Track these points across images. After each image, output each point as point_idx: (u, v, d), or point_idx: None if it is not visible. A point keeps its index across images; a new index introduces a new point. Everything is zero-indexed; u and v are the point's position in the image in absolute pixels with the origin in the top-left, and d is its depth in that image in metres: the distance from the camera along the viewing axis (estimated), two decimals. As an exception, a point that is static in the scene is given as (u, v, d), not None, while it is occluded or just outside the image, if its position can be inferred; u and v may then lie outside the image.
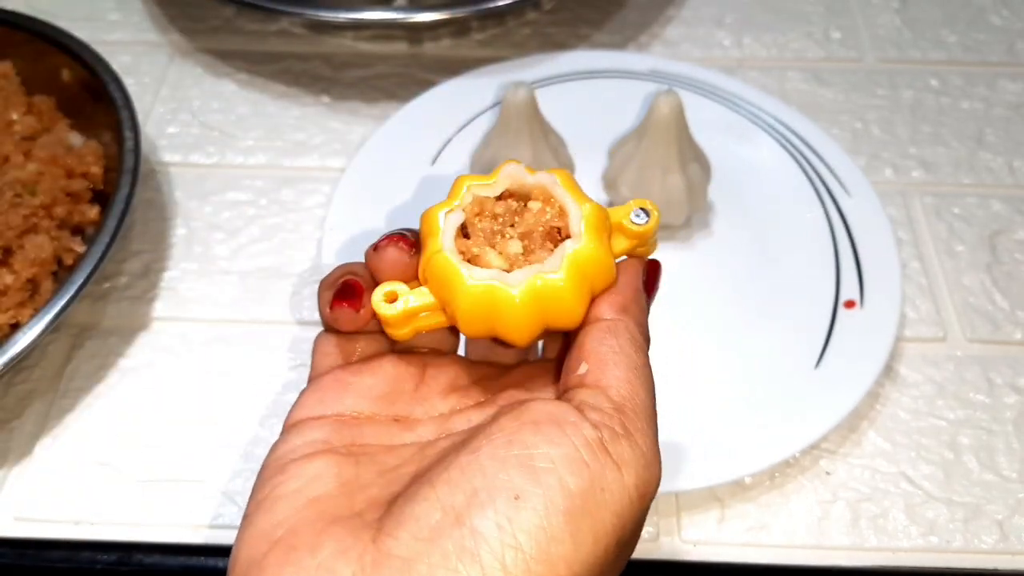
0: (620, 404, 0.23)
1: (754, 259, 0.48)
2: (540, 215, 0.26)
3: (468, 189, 0.26)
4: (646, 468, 0.22)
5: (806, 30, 0.61)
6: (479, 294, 0.24)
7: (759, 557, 0.39)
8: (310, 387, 0.27)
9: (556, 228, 0.26)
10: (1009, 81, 0.58)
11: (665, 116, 0.44)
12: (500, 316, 0.24)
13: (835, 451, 0.42)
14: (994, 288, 0.48)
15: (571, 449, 0.21)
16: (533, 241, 0.25)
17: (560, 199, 0.26)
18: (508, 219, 0.26)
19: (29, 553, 0.39)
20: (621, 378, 0.24)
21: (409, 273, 0.26)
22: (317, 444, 0.24)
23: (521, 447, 0.22)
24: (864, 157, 0.54)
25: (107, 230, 0.43)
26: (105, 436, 0.42)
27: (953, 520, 0.40)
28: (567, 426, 0.22)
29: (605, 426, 0.22)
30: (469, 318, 0.25)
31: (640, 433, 0.23)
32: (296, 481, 0.23)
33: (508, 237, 0.25)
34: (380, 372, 0.27)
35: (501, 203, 0.26)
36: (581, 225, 0.25)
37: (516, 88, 0.44)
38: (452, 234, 0.25)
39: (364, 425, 0.25)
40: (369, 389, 0.26)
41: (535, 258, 0.25)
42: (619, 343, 0.25)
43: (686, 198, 0.46)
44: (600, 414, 0.23)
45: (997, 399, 0.44)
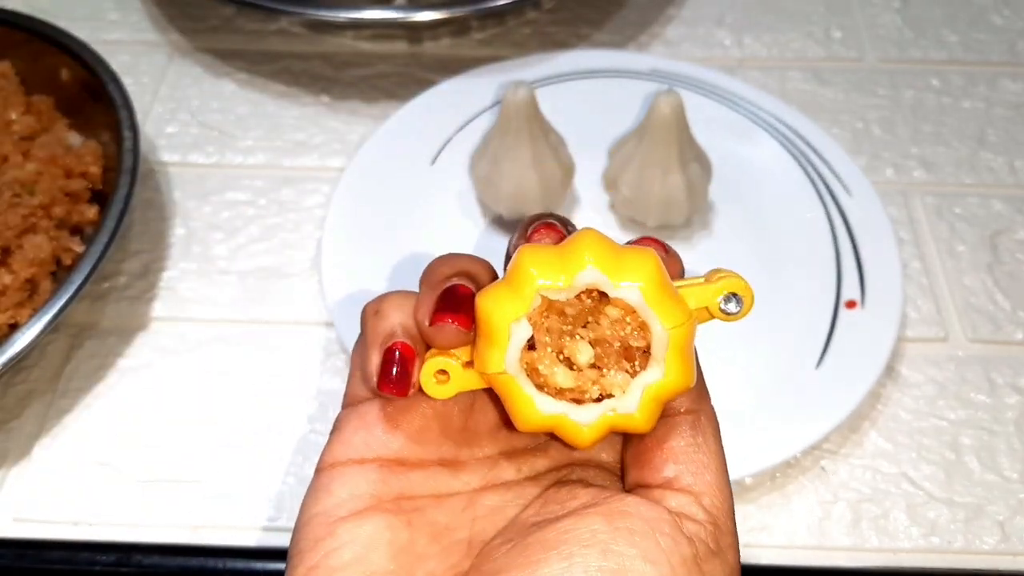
0: (715, 516, 0.22)
1: (755, 259, 0.48)
2: (619, 327, 0.22)
3: (537, 292, 0.22)
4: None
5: (807, 30, 0.61)
6: (544, 423, 0.23)
7: (760, 558, 0.39)
8: (351, 417, 0.24)
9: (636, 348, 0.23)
10: (1010, 81, 0.58)
11: (666, 116, 0.43)
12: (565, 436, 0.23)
13: (836, 451, 0.42)
14: (995, 288, 0.48)
15: (667, 569, 0.21)
16: (607, 352, 0.23)
17: (643, 315, 0.22)
18: (580, 320, 0.23)
19: (28, 554, 0.39)
20: (713, 484, 0.23)
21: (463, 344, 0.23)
22: (365, 499, 0.23)
23: (616, 559, 0.20)
24: (865, 157, 0.54)
25: (106, 230, 0.43)
26: (104, 436, 0.42)
27: (954, 521, 0.40)
28: (663, 538, 0.21)
29: (700, 541, 0.22)
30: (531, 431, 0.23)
31: (731, 549, 0.22)
32: (350, 549, 0.21)
33: (578, 339, 0.22)
34: (430, 409, 0.24)
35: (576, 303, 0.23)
36: (664, 351, 0.22)
37: (516, 88, 0.44)
38: (518, 353, 0.22)
39: (411, 471, 0.23)
40: (419, 430, 0.24)
41: (607, 381, 0.23)
42: (705, 441, 0.23)
43: (686, 198, 0.46)
44: (695, 526, 0.22)
45: (998, 399, 0.44)
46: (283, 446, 0.42)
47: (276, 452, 0.42)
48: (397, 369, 0.23)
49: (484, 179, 0.47)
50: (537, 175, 0.46)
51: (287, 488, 0.41)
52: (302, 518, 0.23)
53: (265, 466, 0.41)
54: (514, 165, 0.45)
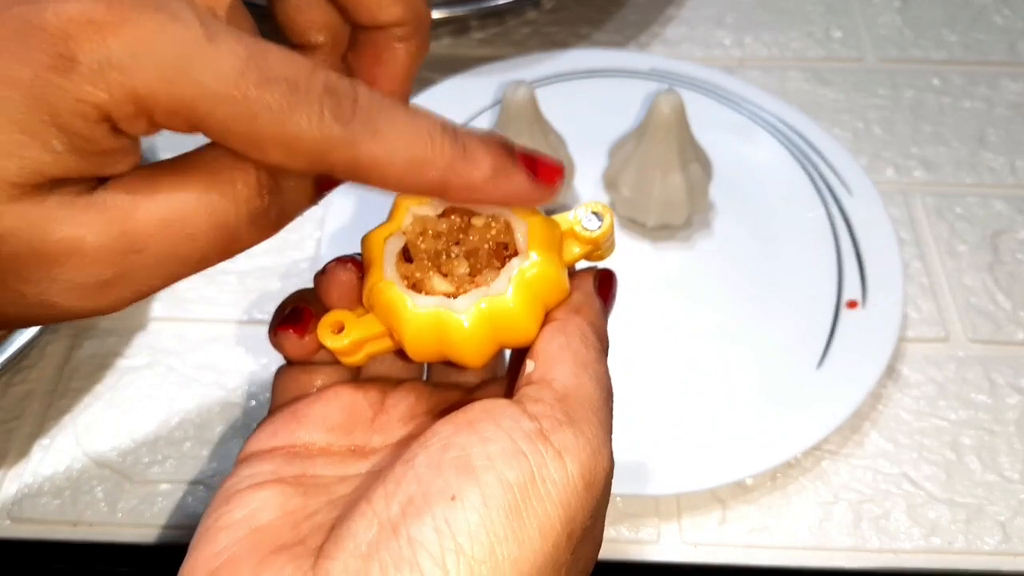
0: (564, 394, 0.22)
1: (755, 259, 0.48)
2: (485, 231, 0.25)
3: (408, 209, 0.25)
4: (592, 456, 0.21)
5: (807, 29, 0.61)
6: (424, 322, 0.23)
7: (761, 559, 0.39)
8: (264, 421, 0.26)
9: (503, 244, 0.24)
10: (1011, 80, 0.58)
11: (666, 115, 0.43)
12: (450, 342, 0.24)
13: (837, 452, 0.42)
14: (996, 288, 0.48)
15: (508, 442, 0.21)
16: (480, 260, 0.24)
17: (504, 215, 0.25)
18: (452, 237, 0.25)
19: (27, 554, 0.39)
20: (567, 372, 0.23)
21: (357, 298, 0.25)
22: (265, 475, 0.23)
23: (457, 449, 0.21)
24: (866, 156, 0.54)
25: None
26: (103, 437, 0.42)
27: (955, 521, 0.40)
28: (504, 420, 0.21)
29: (545, 416, 0.21)
30: (416, 345, 0.24)
31: (585, 422, 0.22)
32: (240, 511, 0.22)
33: (453, 256, 0.24)
34: (335, 402, 0.26)
35: (444, 220, 0.25)
36: (528, 241, 0.24)
37: (516, 87, 0.44)
38: (393, 260, 0.24)
39: (317, 456, 0.24)
40: (324, 419, 0.25)
41: (482, 278, 0.24)
42: (567, 340, 0.24)
43: (687, 198, 0.46)
44: (541, 405, 0.22)
45: (999, 399, 0.44)
46: (283, 446, 0.42)
47: (276, 452, 0.42)
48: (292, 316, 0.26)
49: (484, 179, 0.47)
50: (537, 175, 0.46)
51: (287, 488, 0.41)
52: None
53: (265, 466, 0.41)
54: (514, 165, 0.45)
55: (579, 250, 0.26)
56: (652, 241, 0.48)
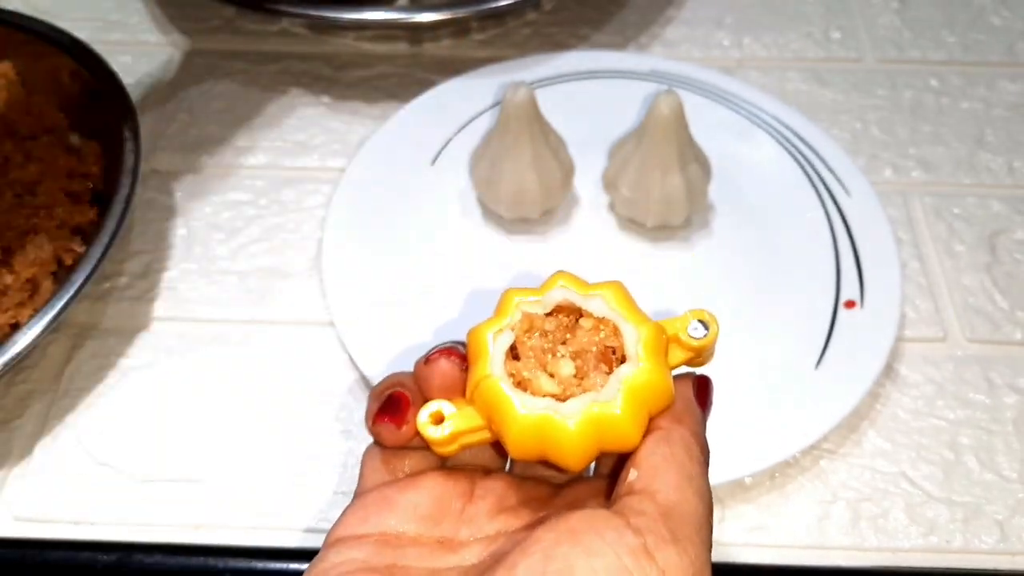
0: (667, 509, 0.22)
1: (754, 259, 0.48)
2: (593, 334, 0.25)
3: (517, 306, 0.25)
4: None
5: (806, 30, 0.61)
6: (531, 424, 0.23)
7: (759, 557, 0.39)
8: (354, 503, 0.25)
9: (611, 348, 0.24)
10: (1009, 81, 0.58)
11: (665, 116, 0.44)
12: (553, 444, 0.23)
13: (835, 451, 0.42)
14: (994, 288, 0.48)
15: (613, 559, 0.20)
16: (586, 362, 0.24)
17: (614, 320, 0.25)
18: (559, 336, 0.25)
19: (29, 553, 0.39)
20: (671, 484, 0.22)
21: (458, 389, 0.25)
22: (356, 563, 0.23)
23: (561, 561, 0.20)
24: (864, 157, 0.54)
25: (107, 230, 0.43)
26: (105, 436, 0.42)
27: (953, 520, 0.40)
28: (607, 533, 0.21)
29: (649, 531, 0.21)
30: (520, 446, 0.24)
31: (689, 541, 0.21)
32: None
33: (560, 356, 0.24)
34: (426, 490, 0.25)
35: (552, 319, 0.25)
36: (638, 348, 0.24)
37: (516, 88, 0.44)
38: (501, 358, 0.24)
39: (407, 547, 0.24)
40: (415, 508, 0.25)
41: (588, 382, 0.24)
42: (672, 451, 0.23)
43: (686, 198, 0.46)
44: (644, 519, 0.21)
45: (997, 399, 0.44)
46: (283, 446, 0.42)
47: (276, 452, 0.42)
48: (391, 405, 0.25)
49: (484, 179, 0.47)
50: (537, 175, 0.46)
51: (288, 488, 0.41)
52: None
53: (266, 466, 0.42)
54: (514, 166, 0.45)
55: (681, 356, 0.26)
56: (651, 241, 0.48)
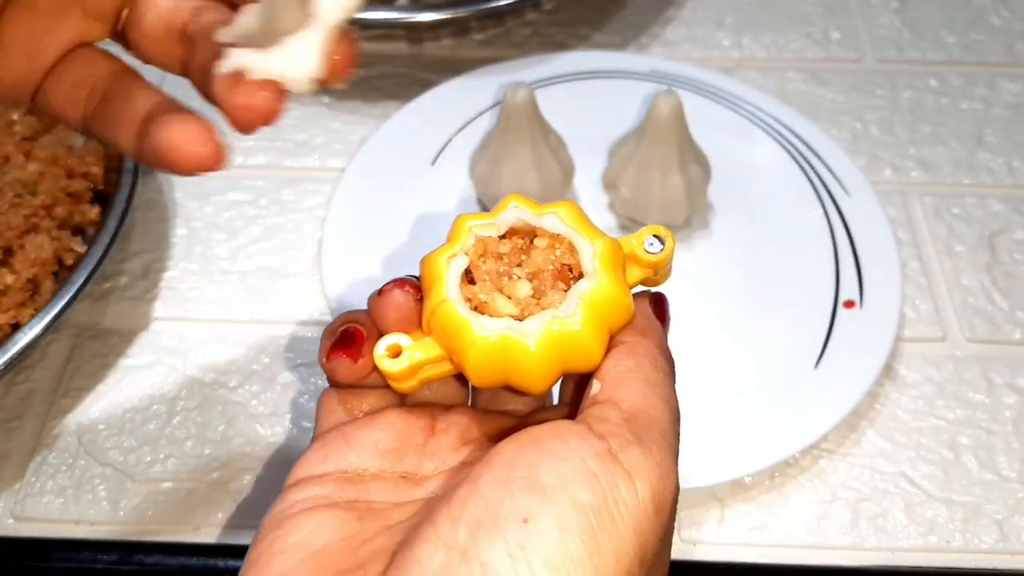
0: (632, 415, 0.21)
1: (754, 259, 0.48)
2: (548, 252, 0.24)
3: (470, 230, 0.25)
4: (661, 479, 0.20)
5: (805, 30, 0.61)
6: (491, 346, 0.23)
7: (759, 557, 0.39)
8: (313, 444, 0.25)
9: (567, 266, 0.24)
10: (1008, 81, 0.58)
11: (665, 116, 0.44)
12: (515, 366, 0.23)
13: (835, 451, 0.42)
14: (993, 288, 0.48)
15: (578, 462, 0.20)
16: (543, 281, 0.24)
17: (568, 236, 0.24)
18: (515, 258, 0.24)
19: (30, 553, 0.39)
20: (635, 391, 0.22)
21: (414, 321, 0.25)
22: (318, 499, 0.23)
23: (524, 469, 0.20)
24: (863, 157, 0.54)
25: (107, 230, 0.43)
26: (105, 436, 0.42)
27: (952, 520, 0.40)
28: (571, 439, 0.20)
29: (614, 435, 0.21)
30: (481, 370, 0.23)
31: (654, 443, 0.21)
32: (294, 535, 0.21)
33: (516, 278, 0.24)
34: (387, 426, 0.25)
35: (506, 241, 0.25)
36: (595, 262, 0.23)
37: (516, 88, 0.44)
38: (456, 281, 0.24)
39: (370, 482, 0.24)
40: (375, 444, 0.24)
41: (546, 300, 0.23)
42: (636, 361, 0.23)
43: (686, 198, 0.46)
44: (608, 425, 0.21)
45: (996, 399, 0.44)
46: (283, 446, 0.42)
47: (277, 452, 0.42)
48: (345, 339, 0.24)
49: (484, 179, 0.47)
50: (537, 175, 0.46)
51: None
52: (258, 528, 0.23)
53: (265, 466, 0.42)
54: (514, 166, 0.45)
55: (639, 273, 0.25)
56: (651, 241, 0.49)
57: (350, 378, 0.25)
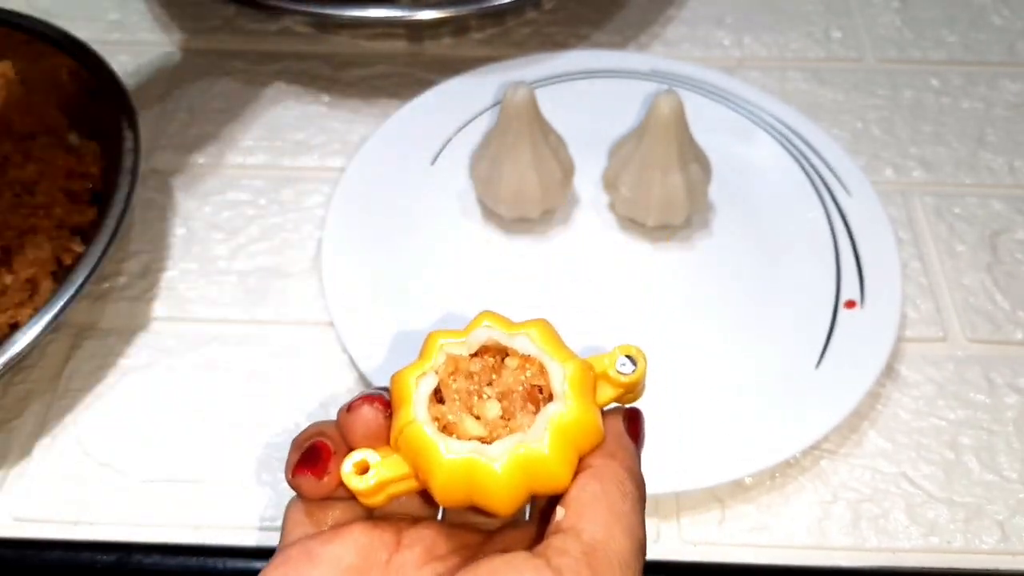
0: (592, 548, 0.21)
1: (754, 259, 0.48)
2: (519, 373, 0.24)
3: (440, 348, 0.25)
4: None
5: (806, 30, 0.61)
6: (457, 468, 0.23)
7: (760, 557, 0.39)
8: (275, 559, 0.25)
9: (537, 387, 0.24)
10: (1009, 81, 0.58)
11: (665, 116, 0.44)
12: (480, 488, 0.23)
13: (836, 451, 0.42)
14: (995, 288, 0.48)
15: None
16: (512, 402, 0.24)
17: (539, 358, 0.24)
18: (485, 377, 0.24)
19: (28, 553, 0.39)
20: (598, 522, 0.22)
21: (382, 437, 0.25)
22: None
23: None
24: (864, 157, 0.54)
25: (106, 230, 0.43)
26: (104, 436, 0.42)
27: (954, 520, 0.40)
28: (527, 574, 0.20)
29: (571, 570, 0.20)
30: (447, 491, 0.23)
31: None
32: None
33: (486, 398, 0.24)
34: (350, 541, 0.24)
35: (477, 360, 0.25)
36: (565, 385, 0.24)
37: (516, 88, 0.44)
38: (425, 403, 0.24)
39: None
40: (338, 561, 0.24)
41: (515, 423, 0.23)
42: (603, 487, 0.23)
43: (686, 198, 0.46)
44: (567, 559, 0.21)
45: (998, 399, 0.44)
46: (283, 445, 0.42)
47: (276, 451, 0.42)
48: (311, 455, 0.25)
49: (484, 179, 0.47)
50: (537, 175, 0.46)
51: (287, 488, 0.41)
52: None
53: (265, 466, 0.41)
54: (514, 165, 0.45)
55: (611, 393, 0.25)
56: (651, 241, 0.48)
57: (316, 494, 0.25)
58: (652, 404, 0.42)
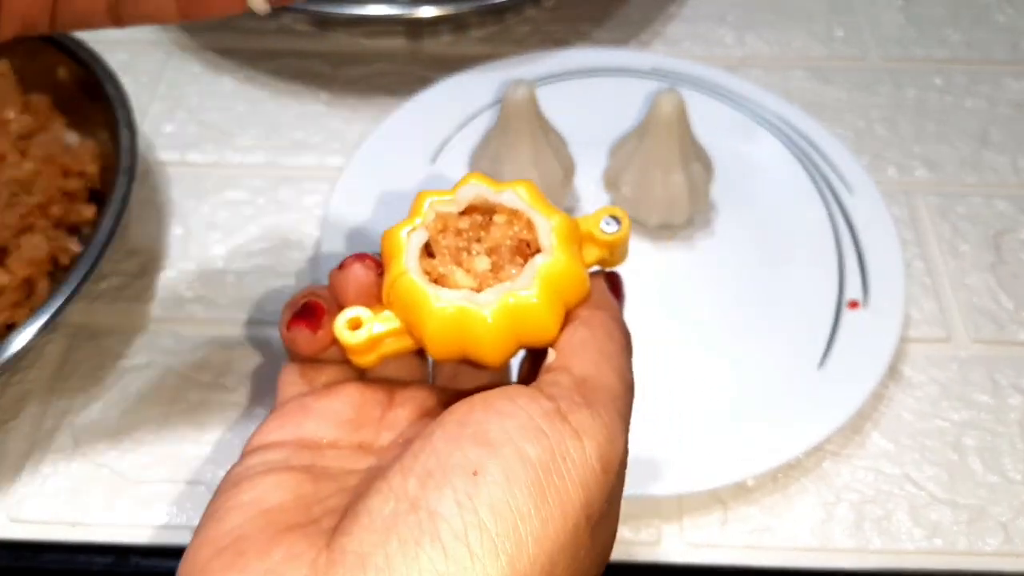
0: (582, 380, 0.22)
1: (757, 259, 0.47)
2: (506, 228, 0.25)
3: (430, 206, 0.25)
4: (608, 441, 0.21)
5: (809, 28, 0.61)
6: (448, 317, 0.23)
7: (762, 559, 0.39)
8: (271, 414, 0.25)
9: (525, 242, 0.25)
10: (1013, 80, 0.58)
11: (667, 114, 0.43)
12: (472, 338, 0.23)
13: (838, 452, 0.42)
14: (998, 288, 0.47)
15: (526, 419, 0.20)
16: (501, 256, 0.24)
17: (526, 212, 0.25)
18: (474, 234, 0.25)
19: (25, 555, 0.39)
20: (588, 360, 0.23)
21: (374, 295, 0.25)
22: (274, 463, 0.23)
23: (475, 426, 0.20)
24: (867, 156, 0.53)
25: (104, 229, 0.42)
26: (101, 437, 0.42)
27: (957, 522, 0.40)
28: (520, 398, 0.21)
29: (563, 397, 0.21)
30: (438, 342, 0.24)
31: (603, 406, 0.22)
32: (249, 493, 0.22)
33: (475, 253, 0.24)
34: (345, 397, 0.25)
35: (466, 218, 0.25)
36: (551, 238, 0.24)
37: (516, 86, 0.44)
38: (416, 254, 0.24)
39: (326, 449, 0.24)
40: (334, 414, 0.25)
41: (504, 274, 0.24)
42: (591, 332, 0.23)
43: (688, 197, 0.46)
44: (559, 388, 0.22)
45: (1002, 400, 0.43)
46: (282, 447, 0.42)
47: (275, 453, 0.42)
48: (306, 311, 0.25)
49: (484, 178, 0.47)
50: (537, 174, 0.45)
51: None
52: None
53: (264, 467, 0.41)
54: (514, 164, 0.45)
55: (595, 253, 0.26)
56: (653, 240, 0.48)
57: (310, 349, 0.25)
58: (654, 404, 0.42)
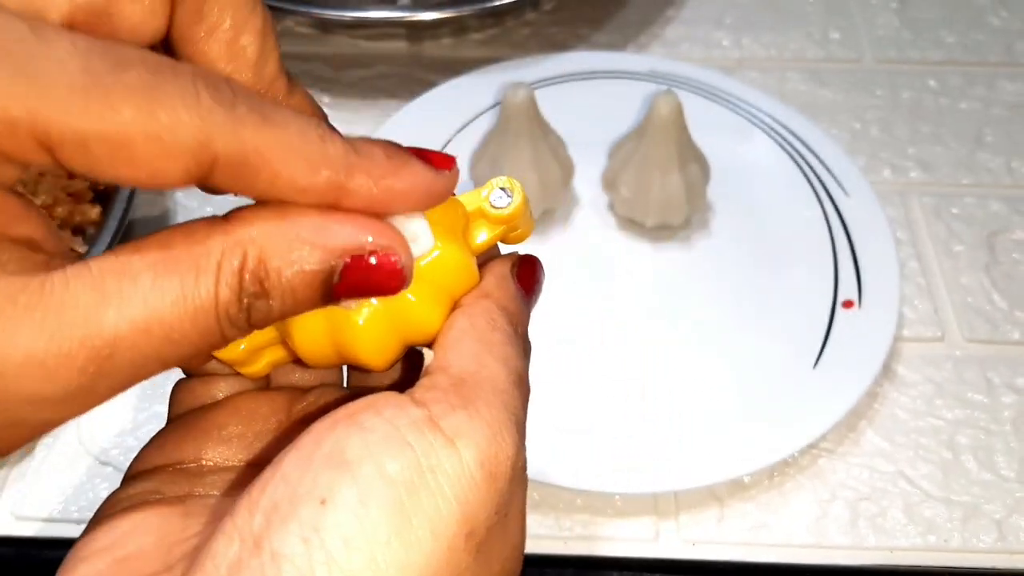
0: (461, 379, 0.19)
1: (753, 259, 0.48)
2: None
3: None
4: (491, 441, 0.18)
5: (805, 30, 0.61)
6: (315, 322, 0.21)
7: (758, 556, 0.39)
8: (154, 436, 0.23)
9: None
10: (1008, 81, 0.58)
11: (664, 117, 0.44)
12: (346, 343, 0.21)
13: (834, 450, 0.42)
14: (992, 288, 0.48)
15: (390, 431, 0.17)
16: None
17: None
18: None
19: (29, 552, 0.39)
20: (466, 354, 0.20)
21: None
22: (146, 494, 0.21)
23: (331, 444, 0.18)
24: (863, 157, 0.54)
25: (108, 230, 0.43)
26: (106, 435, 0.42)
27: (951, 519, 0.40)
28: (387, 409, 0.18)
29: (437, 402, 0.18)
30: (308, 349, 0.22)
31: (483, 403, 0.19)
32: (105, 539, 0.19)
33: None
34: (231, 411, 0.23)
35: None
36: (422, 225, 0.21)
37: (516, 89, 0.44)
38: None
39: (207, 474, 0.22)
40: (217, 431, 0.22)
41: None
42: (471, 322, 0.21)
43: (685, 198, 0.46)
44: (434, 392, 0.19)
45: (995, 399, 0.44)
46: (284, 445, 0.42)
47: (277, 451, 0.42)
48: None
49: (484, 180, 0.47)
50: (537, 176, 0.46)
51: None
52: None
53: (266, 465, 0.42)
54: (514, 166, 0.46)
55: (489, 232, 0.23)
56: (651, 241, 0.49)
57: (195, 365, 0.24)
58: (650, 403, 0.42)
